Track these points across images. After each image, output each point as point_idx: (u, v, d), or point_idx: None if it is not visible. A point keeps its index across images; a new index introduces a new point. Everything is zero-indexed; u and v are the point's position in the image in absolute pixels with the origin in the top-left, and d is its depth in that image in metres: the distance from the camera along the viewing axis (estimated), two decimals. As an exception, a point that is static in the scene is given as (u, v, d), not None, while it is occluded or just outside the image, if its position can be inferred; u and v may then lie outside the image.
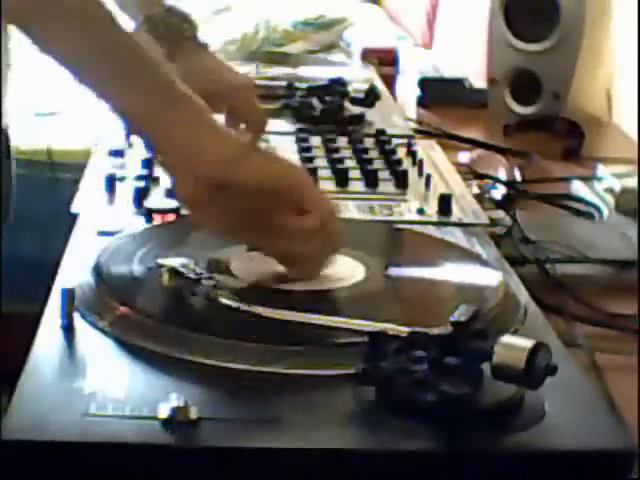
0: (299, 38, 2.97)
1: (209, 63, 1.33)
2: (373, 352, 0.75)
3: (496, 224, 1.21)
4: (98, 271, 0.91)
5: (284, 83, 1.67)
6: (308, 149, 1.37)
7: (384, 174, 1.29)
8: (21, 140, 1.44)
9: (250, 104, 1.30)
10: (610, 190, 1.45)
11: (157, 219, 1.08)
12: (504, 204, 1.34)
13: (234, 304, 0.83)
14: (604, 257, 1.22)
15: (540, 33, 1.83)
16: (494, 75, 1.92)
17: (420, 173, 1.30)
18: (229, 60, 1.88)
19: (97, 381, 0.75)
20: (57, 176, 2.28)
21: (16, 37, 1.39)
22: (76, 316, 0.84)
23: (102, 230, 1.05)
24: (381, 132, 1.46)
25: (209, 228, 0.93)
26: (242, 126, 1.31)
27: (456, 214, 1.17)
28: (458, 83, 2.00)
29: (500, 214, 1.26)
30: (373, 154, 1.36)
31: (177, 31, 1.31)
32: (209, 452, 0.69)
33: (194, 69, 1.29)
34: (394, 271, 0.98)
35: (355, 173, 1.28)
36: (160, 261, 0.88)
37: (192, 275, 0.86)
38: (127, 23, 1.31)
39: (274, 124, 1.50)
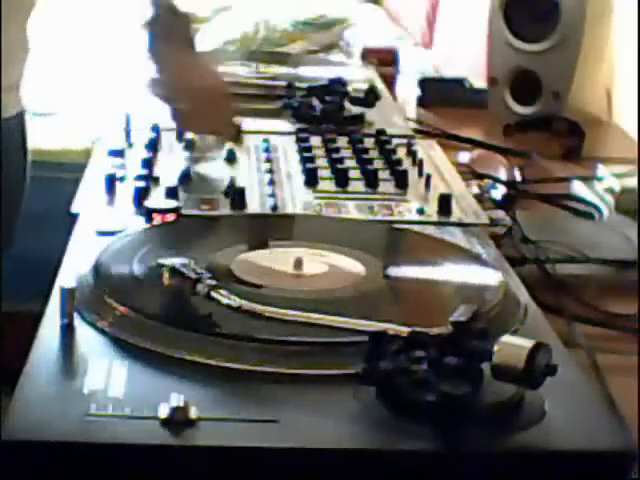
0: (299, 38, 2.97)
1: (193, 61, 1.33)
2: (373, 352, 0.75)
3: (496, 224, 1.21)
4: (98, 271, 0.92)
5: (284, 83, 1.67)
6: (308, 149, 1.37)
7: (384, 174, 1.29)
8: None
9: (206, 112, 1.31)
10: (610, 190, 1.45)
11: (157, 219, 1.08)
12: (504, 204, 1.34)
13: (234, 304, 0.83)
14: (604, 257, 1.22)
15: (540, 33, 1.83)
16: (494, 75, 1.92)
17: (420, 173, 1.30)
18: (229, 60, 1.89)
19: (97, 381, 0.75)
20: (57, 176, 2.27)
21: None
22: (76, 316, 0.84)
23: (102, 230, 1.05)
24: (381, 132, 1.46)
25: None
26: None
27: (456, 214, 1.17)
28: (458, 83, 2.00)
29: (500, 214, 1.26)
30: (373, 154, 1.36)
31: (172, 23, 1.31)
32: (209, 452, 0.69)
33: (180, 63, 1.30)
34: (394, 271, 0.98)
35: (355, 173, 1.28)
36: (160, 261, 0.88)
37: (192, 275, 0.86)
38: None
39: (274, 124, 1.50)
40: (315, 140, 1.41)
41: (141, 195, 1.14)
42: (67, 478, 0.69)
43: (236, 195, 1.16)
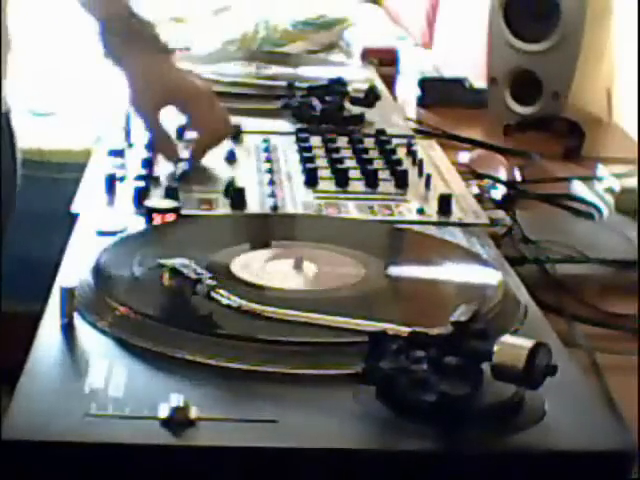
0: (299, 38, 2.97)
1: (166, 67, 1.32)
2: (373, 352, 0.75)
3: (496, 224, 1.21)
4: (98, 271, 0.92)
5: (284, 83, 1.67)
6: (308, 149, 1.37)
7: (384, 174, 1.29)
8: (20, 140, 1.44)
9: (207, 113, 1.31)
10: (610, 190, 1.45)
11: (157, 219, 1.08)
12: (504, 204, 1.34)
13: (234, 304, 0.83)
14: (604, 257, 1.22)
15: (540, 33, 1.82)
16: (494, 75, 1.92)
17: (420, 173, 1.30)
18: (229, 60, 1.89)
19: (97, 381, 0.75)
20: (57, 176, 2.28)
21: (16, 37, 1.40)
22: (76, 316, 0.84)
23: (102, 230, 1.05)
24: (381, 132, 1.46)
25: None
26: (194, 134, 1.32)
27: (456, 214, 1.17)
28: (458, 83, 2.00)
29: (500, 214, 1.26)
30: (373, 154, 1.36)
31: (137, 32, 1.31)
32: (209, 452, 0.69)
33: (154, 71, 1.29)
34: (394, 271, 0.98)
35: (355, 173, 1.28)
36: (160, 261, 0.88)
37: (192, 275, 0.86)
38: (90, 23, 1.31)
39: (274, 124, 1.51)
40: (315, 140, 1.41)
41: (141, 195, 1.14)
42: (67, 478, 0.69)
43: (236, 195, 1.16)
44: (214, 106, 1.32)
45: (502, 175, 1.48)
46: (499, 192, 1.39)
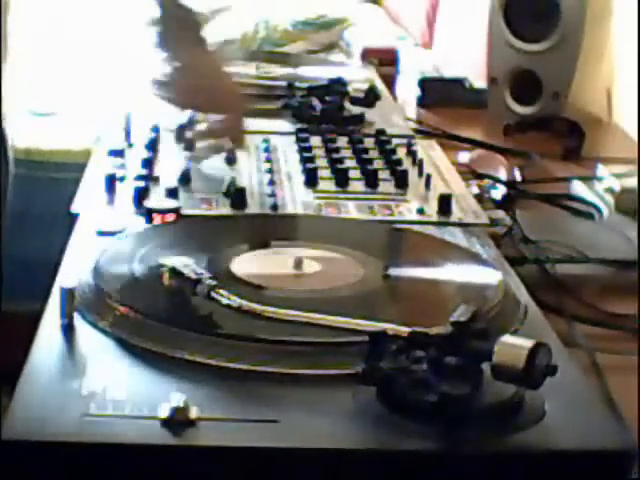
0: (299, 38, 2.97)
1: (207, 61, 1.32)
2: (373, 352, 0.75)
3: (496, 224, 1.21)
4: (98, 271, 0.91)
5: (284, 83, 1.67)
6: (308, 149, 1.37)
7: (384, 174, 1.29)
8: (20, 140, 1.44)
9: (237, 117, 1.32)
10: (610, 190, 1.45)
11: (157, 219, 1.08)
12: (504, 204, 1.34)
13: (234, 304, 0.83)
14: (604, 257, 1.22)
15: (540, 33, 1.83)
16: (494, 75, 1.92)
17: (420, 173, 1.30)
18: (229, 60, 1.88)
19: (97, 381, 0.75)
20: (57, 176, 2.27)
21: (15, 35, 1.40)
22: (76, 316, 0.84)
23: (102, 230, 1.05)
24: (381, 132, 1.46)
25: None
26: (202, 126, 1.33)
27: (456, 214, 1.17)
28: (458, 83, 2.00)
29: (500, 214, 1.26)
30: (373, 154, 1.36)
31: (182, 21, 1.31)
32: (209, 452, 0.69)
33: (193, 63, 1.30)
34: (394, 271, 0.98)
35: (355, 173, 1.28)
36: (160, 261, 0.88)
37: (192, 275, 0.86)
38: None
39: (274, 124, 1.50)
40: (315, 140, 1.41)
41: (141, 195, 1.14)
42: (67, 478, 0.69)
43: (236, 195, 1.16)
44: (236, 110, 1.32)
45: (502, 175, 1.48)
46: (499, 192, 1.39)
